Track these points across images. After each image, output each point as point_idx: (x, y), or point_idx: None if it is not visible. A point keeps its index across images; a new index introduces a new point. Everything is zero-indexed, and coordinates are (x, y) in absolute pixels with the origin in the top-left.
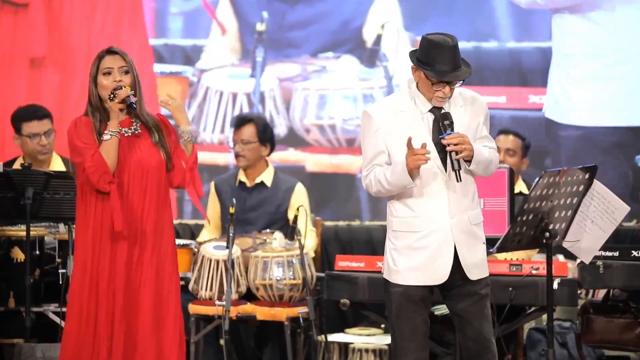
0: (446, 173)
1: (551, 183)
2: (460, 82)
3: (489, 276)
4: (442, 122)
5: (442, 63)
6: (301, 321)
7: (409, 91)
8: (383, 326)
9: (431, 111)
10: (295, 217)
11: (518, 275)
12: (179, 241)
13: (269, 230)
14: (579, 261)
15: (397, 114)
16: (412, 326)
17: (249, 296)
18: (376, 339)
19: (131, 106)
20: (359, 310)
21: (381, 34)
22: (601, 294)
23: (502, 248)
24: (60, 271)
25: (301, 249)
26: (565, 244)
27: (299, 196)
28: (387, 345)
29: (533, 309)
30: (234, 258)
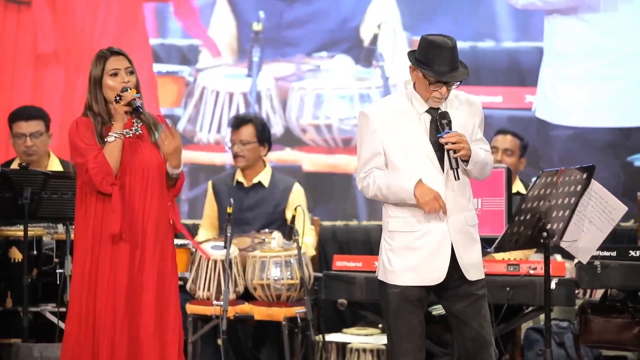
0: (443, 173)
1: (549, 183)
2: (458, 84)
3: (486, 277)
4: (440, 120)
5: (440, 63)
6: (299, 321)
7: (405, 92)
8: (381, 326)
9: (428, 112)
10: (293, 217)
11: (516, 275)
12: (177, 241)
13: (267, 230)
14: (576, 261)
15: (395, 115)
16: (409, 327)
17: (246, 296)
18: (374, 338)
19: (137, 110)
20: (356, 310)
21: (378, 33)
22: (599, 293)
23: (500, 248)
24: (58, 271)
25: (299, 249)
26: (563, 244)
27: (296, 196)
28: (385, 345)
29: (530, 308)
30: (231, 258)
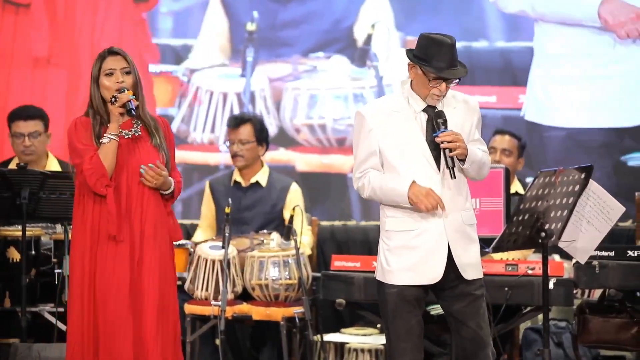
0: (440, 172)
1: (547, 183)
2: (457, 81)
3: (484, 277)
4: (436, 120)
5: (440, 60)
6: (297, 321)
7: (402, 92)
8: (379, 326)
9: (425, 111)
10: (291, 217)
11: (514, 275)
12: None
13: (266, 231)
14: (574, 261)
15: (390, 115)
16: (408, 327)
17: (244, 296)
18: (372, 338)
19: (130, 112)
20: (354, 310)
21: (372, 33)
22: (597, 293)
23: (498, 248)
24: (56, 271)
25: (297, 249)
26: (561, 244)
27: (294, 196)
28: (383, 345)
29: (529, 308)
30: (229, 258)
